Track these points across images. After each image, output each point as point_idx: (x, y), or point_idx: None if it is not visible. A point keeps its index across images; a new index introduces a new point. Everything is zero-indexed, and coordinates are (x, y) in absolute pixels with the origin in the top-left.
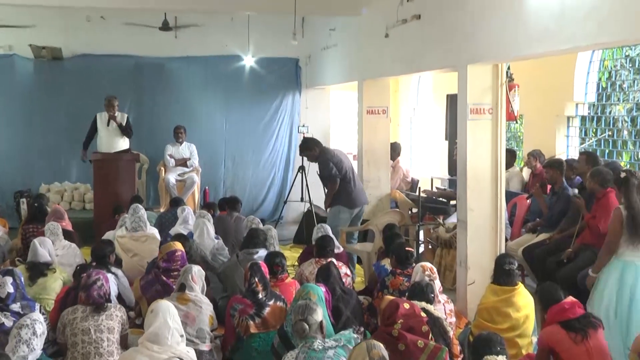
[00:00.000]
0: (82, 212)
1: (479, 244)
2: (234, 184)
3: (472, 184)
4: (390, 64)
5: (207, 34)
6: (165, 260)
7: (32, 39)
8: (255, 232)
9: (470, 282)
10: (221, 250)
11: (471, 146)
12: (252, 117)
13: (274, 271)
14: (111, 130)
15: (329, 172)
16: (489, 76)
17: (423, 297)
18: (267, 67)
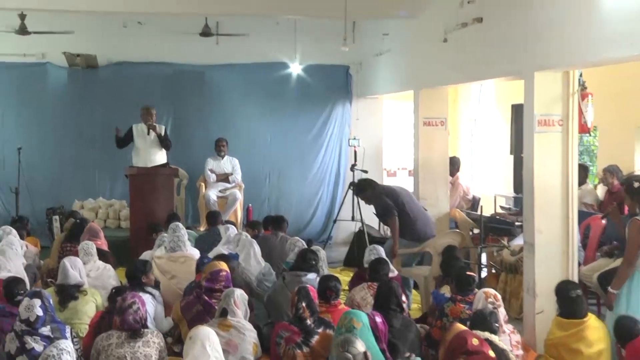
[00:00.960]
0: (117, 230)
1: (548, 269)
2: (279, 201)
3: (540, 202)
4: (449, 72)
5: (250, 40)
6: (209, 280)
7: (66, 46)
8: (306, 253)
9: (539, 311)
10: (268, 275)
11: (539, 161)
12: (299, 129)
13: (326, 296)
14: (149, 142)
15: (384, 206)
16: (558, 84)
17: (486, 327)
18: (315, 75)
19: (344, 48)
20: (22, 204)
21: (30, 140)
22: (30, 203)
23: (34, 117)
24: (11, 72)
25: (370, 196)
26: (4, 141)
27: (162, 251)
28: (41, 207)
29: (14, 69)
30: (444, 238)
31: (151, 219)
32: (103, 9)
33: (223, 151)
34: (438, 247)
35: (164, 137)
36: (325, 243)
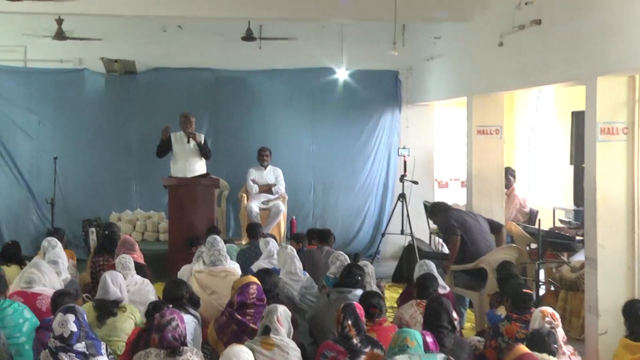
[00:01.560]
0: (156, 243)
1: (612, 286)
2: (324, 213)
3: (603, 215)
4: (505, 77)
5: (294, 45)
6: (239, 294)
7: (103, 51)
8: (351, 268)
9: (602, 332)
10: (310, 289)
11: (602, 172)
12: (345, 138)
13: (370, 314)
14: (188, 150)
15: (447, 225)
16: (623, 90)
17: (544, 348)
18: (363, 80)
19: (393, 52)
20: (57, 215)
21: (66, 150)
22: (66, 214)
23: (70, 125)
24: (47, 78)
25: (439, 219)
26: (40, 150)
27: (202, 265)
28: (77, 219)
29: (50, 75)
30: (499, 253)
31: (191, 231)
32: (142, 13)
33: (266, 161)
34: (493, 263)
35: (203, 146)
36: (373, 258)
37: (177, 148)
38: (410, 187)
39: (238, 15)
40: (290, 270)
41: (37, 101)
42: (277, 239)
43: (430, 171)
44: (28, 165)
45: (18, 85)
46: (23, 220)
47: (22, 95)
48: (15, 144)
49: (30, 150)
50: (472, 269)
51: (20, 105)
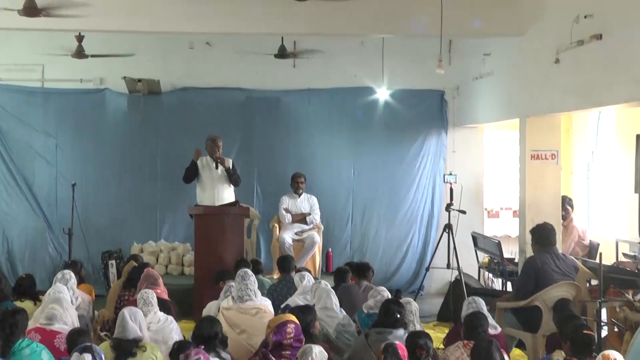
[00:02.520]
0: (181, 277)
1: None
2: (363, 245)
3: None
4: (562, 97)
5: (332, 62)
6: (276, 334)
7: (126, 70)
8: (389, 305)
9: None
10: (347, 326)
11: None
12: (386, 163)
13: (416, 356)
14: (216, 177)
15: (520, 277)
16: None
17: None
18: (406, 101)
19: (438, 70)
20: (75, 246)
21: (85, 176)
22: (84, 246)
23: (90, 149)
24: (66, 99)
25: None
26: (57, 176)
27: (230, 302)
28: (96, 251)
29: (69, 96)
30: (556, 290)
31: (218, 264)
32: (168, 30)
33: (300, 188)
34: (549, 301)
35: (232, 172)
36: (417, 294)
37: (204, 174)
38: (457, 217)
39: (271, 30)
40: (325, 306)
41: (54, 124)
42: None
43: (479, 200)
44: (44, 193)
45: (35, 107)
46: (38, 252)
47: (39, 118)
48: (32, 169)
49: (47, 176)
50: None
51: (37, 128)
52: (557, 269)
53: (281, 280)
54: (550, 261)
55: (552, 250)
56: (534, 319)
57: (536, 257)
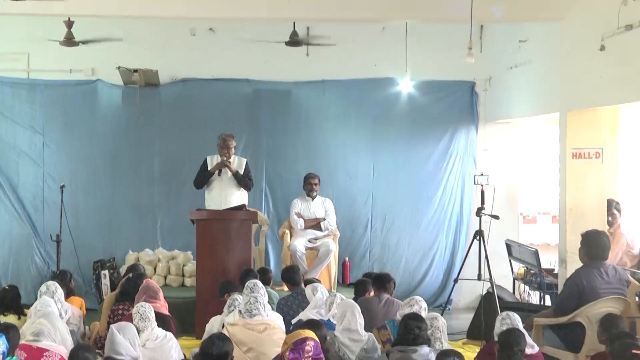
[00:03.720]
0: (181, 289)
1: None
2: (383, 254)
3: None
4: (607, 88)
5: (349, 50)
6: (293, 351)
7: (120, 59)
8: (407, 321)
9: None
10: (372, 351)
11: None
12: (409, 163)
13: None
14: (225, 179)
15: (561, 293)
16: None
17: None
18: (431, 93)
19: (468, 59)
20: (64, 255)
21: (75, 176)
22: (74, 254)
23: (81, 147)
24: (54, 91)
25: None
26: (44, 177)
27: (236, 316)
28: (87, 260)
29: (57, 88)
30: (601, 305)
31: (223, 275)
32: (167, 14)
33: (314, 190)
34: (593, 317)
35: (242, 176)
36: (444, 308)
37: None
38: (489, 222)
39: (281, 15)
40: (349, 328)
41: (41, 119)
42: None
43: (514, 203)
44: (30, 196)
45: (19, 100)
46: (23, 261)
47: (24, 112)
48: (16, 169)
49: (33, 177)
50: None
51: (22, 123)
52: (606, 286)
53: (292, 293)
54: (597, 278)
55: (602, 265)
56: (576, 337)
57: (581, 274)
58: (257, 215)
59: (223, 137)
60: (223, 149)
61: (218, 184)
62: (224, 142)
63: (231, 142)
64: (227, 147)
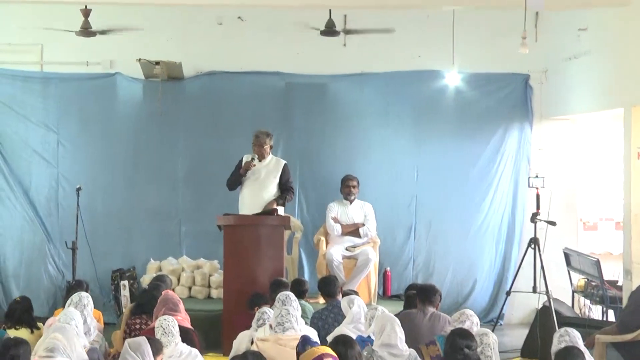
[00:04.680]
0: (207, 302)
1: None
2: (429, 263)
3: None
4: None
5: (390, 40)
6: None
7: (141, 51)
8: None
9: None
10: None
11: None
12: (457, 163)
13: None
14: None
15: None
16: None
17: None
18: (481, 87)
19: (522, 50)
20: (80, 263)
21: (92, 178)
22: (91, 263)
23: (98, 146)
24: (69, 86)
25: None
26: (59, 179)
27: (267, 331)
28: (105, 269)
29: (72, 82)
30: None
31: (252, 286)
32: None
33: (352, 193)
34: None
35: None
36: (495, 324)
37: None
38: (545, 229)
39: (316, 2)
40: (389, 342)
41: (56, 115)
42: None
43: (573, 208)
44: (43, 199)
45: (32, 95)
46: (36, 270)
47: (37, 108)
48: (28, 170)
49: (46, 178)
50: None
51: (35, 120)
52: None
53: (327, 305)
54: None
55: None
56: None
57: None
58: (290, 221)
59: (256, 134)
60: (255, 146)
61: (250, 185)
62: (257, 139)
63: (264, 140)
64: (259, 144)
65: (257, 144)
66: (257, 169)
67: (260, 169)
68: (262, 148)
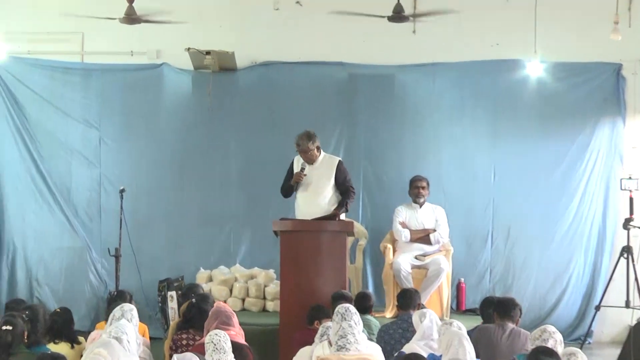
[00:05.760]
0: (262, 315)
1: None
2: (507, 274)
3: None
4: None
5: (464, 27)
6: None
7: (190, 40)
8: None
9: None
10: None
11: None
12: (539, 163)
13: None
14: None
15: None
16: None
17: None
18: (567, 78)
19: (614, 37)
20: (124, 272)
21: (137, 179)
22: (136, 272)
23: (144, 144)
24: (112, 78)
25: None
26: (101, 180)
27: (326, 348)
28: (151, 279)
29: (116, 74)
30: None
31: (312, 298)
32: None
33: (422, 196)
34: None
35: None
36: (583, 342)
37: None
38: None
39: None
40: (457, 358)
41: (97, 110)
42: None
43: None
44: (84, 202)
45: (72, 88)
46: (76, 280)
47: (77, 102)
48: (68, 171)
49: (87, 180)
50: None
51: (75, 115)
52: None
53: (397, 319)
54: None
55: None
56: None
57: None
58: (353, 227)
59: (296, 142)
60: (301, 153)
61: (302, 191)
62: (298, 147)
63: (307, 145)
64: (302, 151)
65: (300, 152)
66: (308, 173)
67: (310, 173)
68: (307, 154)
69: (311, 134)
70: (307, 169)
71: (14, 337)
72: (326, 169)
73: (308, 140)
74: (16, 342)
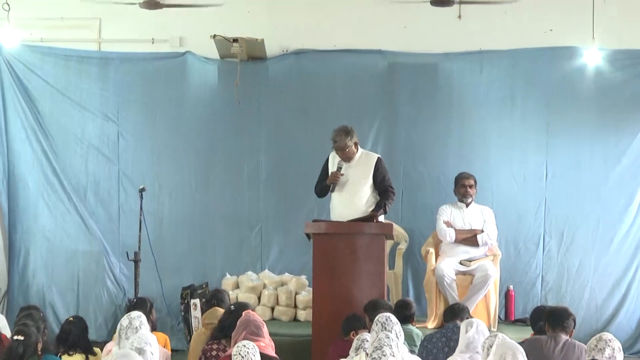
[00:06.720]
0: (293, 325)
1: None
2: (561, 281)
3: None
4: None
5: (515, 11)
6: None
7: (216, 26)
8: None
9: None
10: None
11: None
12: (596, 160)
13: None
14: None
15: None
16: None
17: None
18: (628, 67)
19: None
20: (144, 278)
21: (158, 177)
22: (156, 278)
23: (165, 139)
24: (132, 67)
25: None
26: (120, 178)
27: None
28: (174, 285)
29: (135, 63)
30: None
31: (348, 307)
32: None
33: (469, 195)
34: None
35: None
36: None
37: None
38: None
39: None
40: None
41: (115, 102)
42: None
43: None
44: (101, 202)
45: (88, 79)
46: (93, 287)
47: (94, 94)
48: (84, 168)
49: (105, 178)
50: None
51: (92, 108)
52: None
53: (442, 328)
54: None
55: None
56: None
57: None
58: (393, 229)
59: (332, 138)
60: (337, 150)
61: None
62: (335, 143)
63: (344, 142)
64: (339, 148)
65: (337, 149)
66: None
67: (347, 172)
68: (344, 152)
69: (349, 129)
70: (344, 167)
71: (25, 348)
72: (364, 167)
73: (346, 136)
74: (28, 353)
